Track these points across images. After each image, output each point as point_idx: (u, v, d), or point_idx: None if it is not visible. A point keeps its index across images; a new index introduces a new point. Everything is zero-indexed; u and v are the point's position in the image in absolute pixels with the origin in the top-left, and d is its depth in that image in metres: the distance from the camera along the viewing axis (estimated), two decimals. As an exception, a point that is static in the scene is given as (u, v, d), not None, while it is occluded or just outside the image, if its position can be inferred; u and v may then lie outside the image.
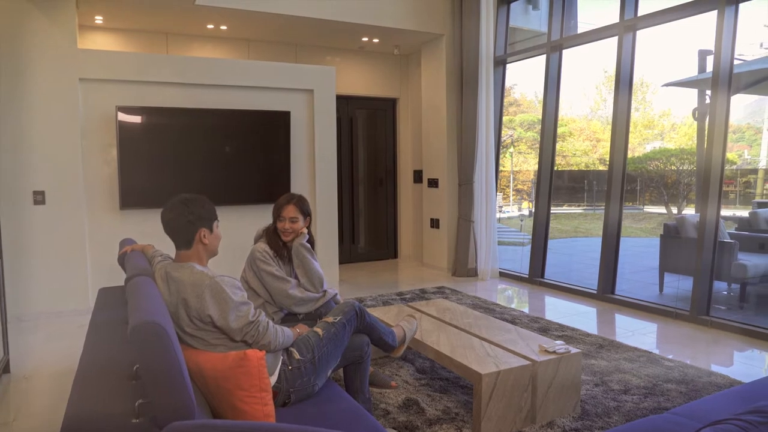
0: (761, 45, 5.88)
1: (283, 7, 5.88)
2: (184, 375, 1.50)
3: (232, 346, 2.13)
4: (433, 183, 7.26)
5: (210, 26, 6.32)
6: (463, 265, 6.74)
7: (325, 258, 6.23)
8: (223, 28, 6.39)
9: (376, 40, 7.16)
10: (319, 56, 7.35)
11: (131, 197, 5.23)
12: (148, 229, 5.09)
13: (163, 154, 5.37)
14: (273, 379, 2.22)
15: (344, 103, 7.52)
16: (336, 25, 6.37)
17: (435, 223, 7.26)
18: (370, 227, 8.08)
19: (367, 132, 8.00)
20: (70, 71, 5.04)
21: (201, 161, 5.54)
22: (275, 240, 3.13)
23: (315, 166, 6.21)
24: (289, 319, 3.11)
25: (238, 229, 5.38)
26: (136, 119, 5.25)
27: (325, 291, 3.15)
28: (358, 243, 7.98)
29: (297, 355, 2.33)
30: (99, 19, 5.95)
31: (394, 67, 7.97)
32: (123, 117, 5.17)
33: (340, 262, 6.79)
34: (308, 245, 3.17)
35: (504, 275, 6.79)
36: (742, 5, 4.65)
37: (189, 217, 2.19)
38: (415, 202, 7.92)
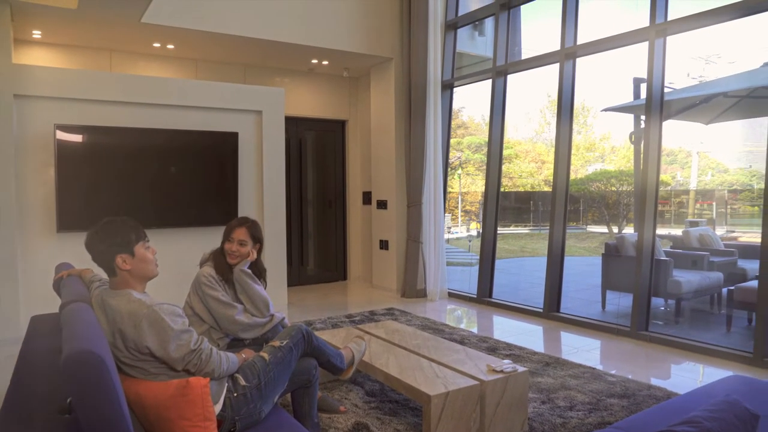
0: (688, 74, 6.22)
1: (232, 27, 5.85)
2: (122, 406, 1.44)
3: (173, 375, 2.06)
4: (382, 204, 7.29)
5: (156, 45, 6.22)
6: (413, 286, 6.77)
7: (273, 281, 6.13)
8: (170, 47, 6.30)
9: (325, 63, 7.20)
10: (268, 77, 7.33)
11: (70, 219, 5.03)
12: (88, 254, 4.89)
13: (105, 174, 5.20)
14: (217, 408, 2.15)
15: (293, 124, 7.49)
16: (285, 46, 6.37)
17: (384, 245, 7.28)
18: (319, 249, 8.02)
19: (316, 154, 7.99)
20: (3, 87, 4.84)
21: (145, 182, 5.40)
22: (222, 262, 3.06)
23: (263, 188, 6.14)
24: (236, 344, 3.04)
25: (184, 251, 5.25)
26: (77, 138, 5.08)
27: (272, 315, 3.10)
28: (307, 265, 7.91)
29: (242, 381, 2.27)
30: (37, 34, 5.76)
31: (344, 90, 8.02)
32: (62, 135, 4.99)
33: (289, 285, 6.71)
34: (248, 271, 3.10)
35: (453, 296, 6.85)
36: (669, 38, 4.91)
37: (101, 245, 2.11)
38: (365, 224, 7.93)
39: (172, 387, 1.87)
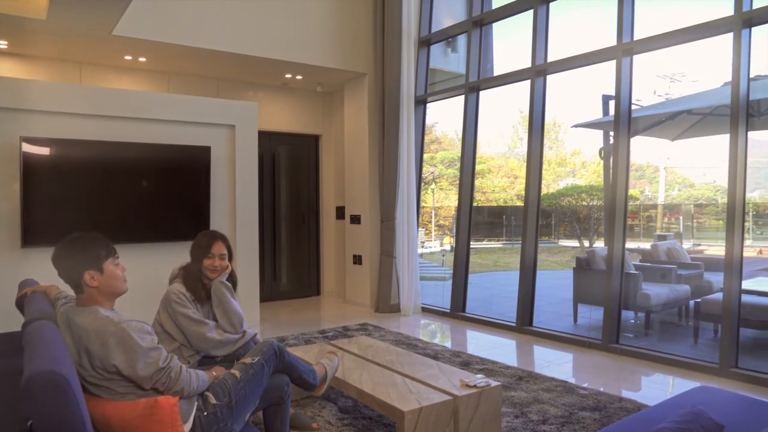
0: (655, 92, 6.39)
1: (205, 41, 5.83)
2: (87, 428, 1.40)
3: (141, 394, 2.01)
4: (356, 219, 7.29)
5: (128, 57, 6.15)
6: (386, 302, 6.75)
7: (245, 296, 6.06)
8: (142, 60, 6.24)
9: (299, 77, 7.20)
10: (241, 91, 7.30)
11: (35, 234, 4.91)
12: (54, 269, 4.77)
13: (74, 188, 5.09)
14: (187, 427, 2.11)
15: (267, 138, 7.46)
16: (259, 61, 6.36)
17: (358, 260, 7.27)
18: (292, 264, 7.97)
19: (290, 168, 7.96)
20: (-32, 100, 4.73)
21: (115, 197, 5.30)
22: (196, 280, 3.01)
23: (236, 203, 6.08)
24: (206, 361, 2.99)
25: (155, 267, 5.15)
26: (44, 151, 4.97)
27: (244, 332, 3.06)
28: (280, 280, 7.84)
29: (213, 400, 2.23)
30: (3, 44, 5.65)
31: (317, 104, 8.02)
32: (28, 148, 4.88)
33: (262, 300, 6.63)
34: (228, 283, 3.08)
35: (426, 310, 6.86)
36: (636, 56, 5.05)
37: (68, 261, 2.07)
38: (338, 239, 7.91)
39: (140, 406, 1.83)
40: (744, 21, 4.26)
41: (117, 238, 2.36)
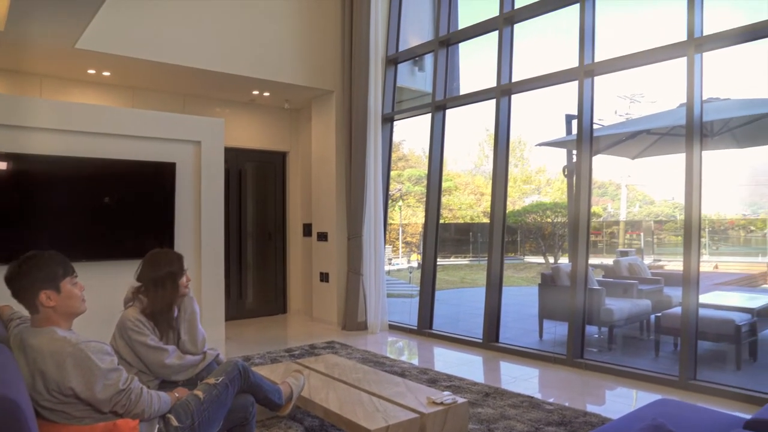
0: (616, 112, 6.58)
1: (171, 56, 5.78)
2: (40, 453, 1.35)
3: (99, 418, 1.96)
4: (323, 236, 7.26)
5: (91, 71, 6.05)
6: (353, 319, 6.72)
7: (210, 315, 5.97)
8: (106, 74, 6.14)
9: (266, 94, 7.19)
10: (208, 107, 7.24)
11: (-9, 253, 4.75)
12: (7, 289, 4.62)
13: (33, 204, 4.96)
14: (147, 450, 2.06)
15: (233, 155, 7.40)
16: (226, 77, 6.33)
17: (325, 277, 7.23)
18: (258, 282, 7.87)
19: (257, 185, 7.90)
20: None
21: (77, 213, 5.18)
22: (171, 306, 2.89)
23: (201, 219, 6.00)
24: (167, 383, 2.92)
25: (118, 285, 5.01)
26: (1, 166, 4.84)
27: (204, 353, 2.97)
28: (245, 298, 7.74)
29: (175, 422, 2.18)
30: (-41, 58, 5.51)
31: (285, 121, 8.01)
32: (-16, 165, 4.74)
33: (227, 319, 6.53)
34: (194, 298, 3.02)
35: (394, 328, 6.85)
36: (597, 78, 5.19)
37: (24, 280, 2.00)
38: (305, 256, 7.86)
39: (98, 430, 1.78)
40: (696, 46, 4.43)
41: (78, 255, 2.31)
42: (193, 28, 5.95)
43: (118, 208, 5.44)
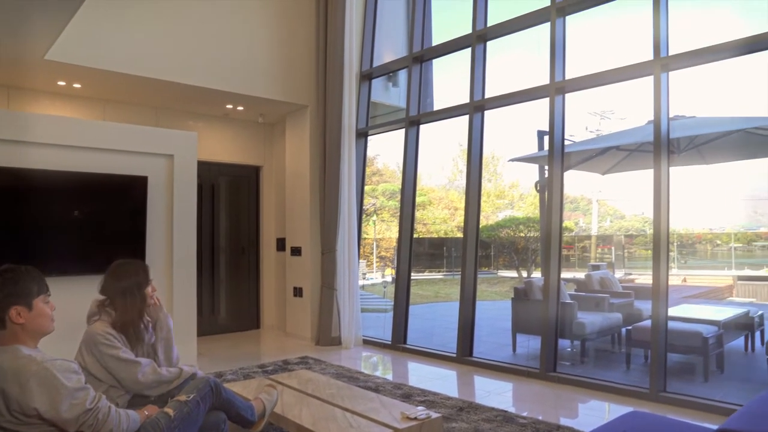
0: (587, 128, 6.71)
1: (144, 69, 5.72)
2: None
3: (64, 437, 1.91)
4: (297, 251, 7.22)
5: (61, 83, 5.96)
6: (327, 334, 6.68)
7: (182, 331, 5.87)
8: (77, 86, 6.05)
9: (240, 108, 7.16)
10: (181, 121, 7.18)
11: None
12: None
13: (1, 218, 4.84)
14: (115, 470, 2.01)
15: (206, 169, 7.34)
16: (199, 91, 6.30)
17: (298, 292, 7.18)
18: (231, 297, 7.78)
19: (230, 199, 7.84)
20: None
21: (46, 227, 5.06)
22: (140, 317, 2.82)
23: (173, 234, 5.92)
24: (138, 400, 2.84)
25: (87, 301, 4.92)
26: (-35, 181, 4.72)
27: (180, 369, 2.90)
28: (218, 314, 7.64)
29: (144, 441, 2.13)
30: None
31: (259, 135, 7.98)
32: (-52, 178, 4.62)
33: (199, 335, 6.42)
34: None
35: (368, 342, 6.82)
36: (567, 95, 5.30)
37: None
38: (278, 271, 7.80)
39: (63, 450, 1.73)
40: (662, 66, 4.56)
41: (48, 269, 2.26)
42: (166, 41, 5.91)
43: (88, 222, 5.34)
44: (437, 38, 6.84)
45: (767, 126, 5.45)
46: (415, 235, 6.69)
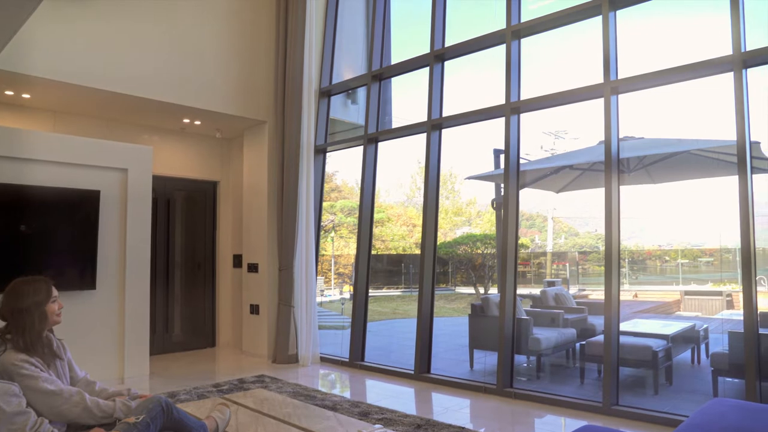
0: (542, 147, 6.87)
1: (97, 81, 5.60)
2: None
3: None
4: (253, 268, 7.13)
5: (9, 93, 5.76)
6: (284, 352, 6.59)
7: (133, 350, 5.71)
8: (26, 96, 5.87)
9: (198, 122, 7.07)
10: (136, 134, 7.03)
11: None
12: None
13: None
14: (57, 496, 1.92)
15: (162, 183, 7.19)
16: (156, 104, 6.20)
17: (255, 309, 7.07)
18: (186, 314, 7.60)
19: (186, 214, 7.69)
20: None
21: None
22: (42, 337, 2.63)
23: (126, 250, 5.77)
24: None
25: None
26: None
27: (114, 402, 2.65)
28: (172, 331, 7.44)
29: (89, 465, 2.05)
30: None
31: (216, 150, 7.89)
32: None
33: (152, 354, 6.26)
34: None
35: (325, 360, 6.75)
36: (523, 115, 5.43)
37: None
38: (235, 288, 7.68)
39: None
40: (612, 89, 4.73)
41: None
42: (120, 53, 5.81)
43: (36, 237, 5.15)
44: (396, 57, 6.93)
45: (710, 148, 5.70)
46: (373, 252, 6.70)
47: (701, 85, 4.56)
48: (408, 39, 7.39)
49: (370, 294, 6.64)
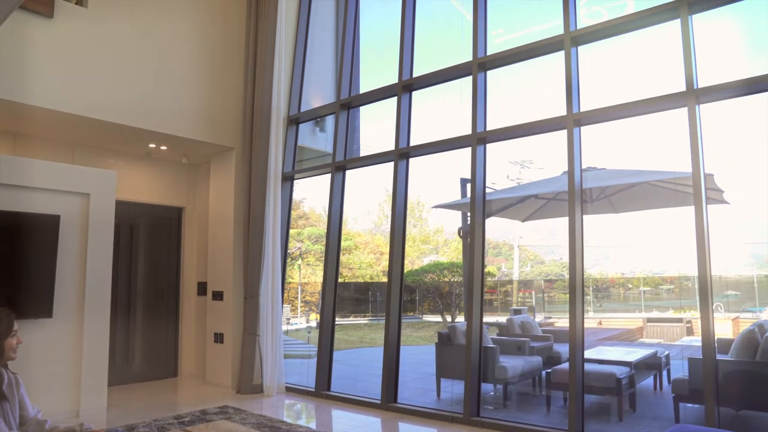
0: (508, 176, 6.99)
1: (58, 103, 5.50)
2: None
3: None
4: (218, 296, 7.01)
5: (-34, 116, 5.63)
6: (248, 382, 6.45)
7: (91, 381, 5.51)
8: (-17, 119, 5.74)
9: (164, 148, 6.99)
10: (100, 159, 6.91)
11: None
12: None
13: None
14: None
15: (126, 209, 7.06)
16: (121, 129, 6.12)
17: (219, 338, 6.94)
18: (148, 343, 7.40)
19: (150, 241, 7.54)
20: None
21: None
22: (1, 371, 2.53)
23: (86, 277, 5.62)
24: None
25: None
26: None
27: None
28: (132, 361, 7.23)
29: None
30: None
31: (182, 176, 7.80)
32: None
33: (111, 384, 6.05)
34: None
35: (291, 390, 6.63)
36: (489, 145, 5.54)
37: None
38: (199, 316, 7.53)
39: None
40: (574, 121, 4.87)
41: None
42: (85, 75, 5.74)
43: (-10, 264, 4.98)
44: (365, 82, 7.01)
45: (667, 179, 5.89)
46: (340, 280, 6.67)
47: (659, 118, 4.73)
48: (377, 66, 7.49)
49: (336, 322, 6.59)
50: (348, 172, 6.72)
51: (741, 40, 4.90)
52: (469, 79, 5.64)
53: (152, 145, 6.88)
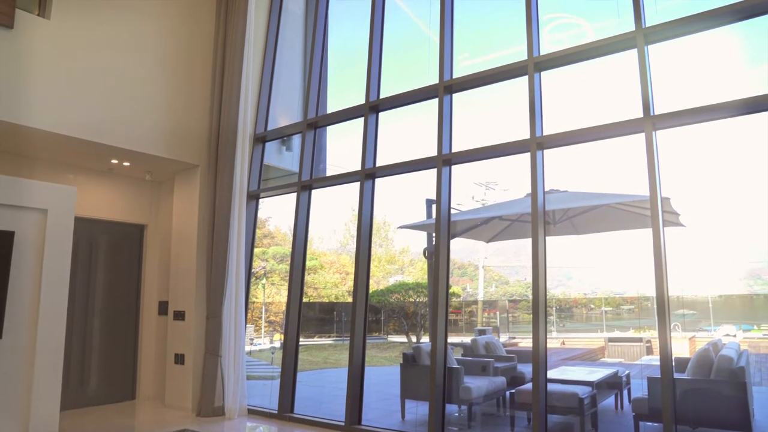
0: (473, 197, 7.08)
1: (13, 115, 5.34)
2: None
3: None
4: (180, 315, 6.86)
5: None
6: (209, 404, 6.31)
7: (41, 406, 5.30)
8: (-69, 130, 5.54)
9: (126, 164, 6.86)
10: (60, 174, 6.74)
11: None
12: None
13: None
14: None
15: (85, 225, 6.88)
16: (81, 143, 5.98)
17: (180, 359, 6.77)
18: (104, 365, 7.17)
19: (110, 259, 7.36)
20: None
21: None
22: None
23: (40, 295, 5.42)
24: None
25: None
26: None
27: None
28: (87, 384, 6.99)
29: None
30: None
31: (145, 193, 7.66)
32: None
33: (63, 408, 5.83)
34: None
35: (253, 412, 6.50)
36: (454, 167, 5.60)
37: None
38: (159, 336, 7.34)
39: None
40: (537, 144, 4.97)
41: None
42: (45, 88, 5.60)
43: (-62, 283, 4.78)
44: (332, 105, 7.04)
45: (626, 202, 6.04)
46: (305, 300, 6.61)
47: (619, 142, 4.86)
48: (344, 86, 7.53)
49: (301, 343, 6.51)
50: (314, 192, 6.70)
51: (696, 69, 5.10)
52: (435, 101, 5.72)
53: (114, 161, 6.75)
